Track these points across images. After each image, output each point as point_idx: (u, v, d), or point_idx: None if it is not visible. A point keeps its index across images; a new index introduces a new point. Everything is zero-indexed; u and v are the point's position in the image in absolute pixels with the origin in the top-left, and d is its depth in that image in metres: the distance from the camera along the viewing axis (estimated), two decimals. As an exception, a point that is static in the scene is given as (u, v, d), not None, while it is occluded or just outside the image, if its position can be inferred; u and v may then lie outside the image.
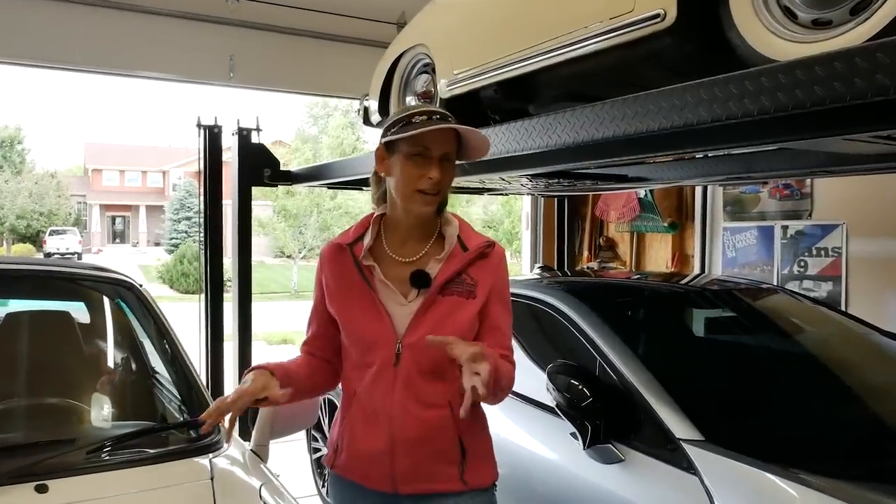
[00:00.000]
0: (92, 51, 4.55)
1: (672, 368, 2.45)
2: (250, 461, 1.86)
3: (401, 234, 1.72)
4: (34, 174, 38.64)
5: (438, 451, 1.66)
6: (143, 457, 1.73)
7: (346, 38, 5.10)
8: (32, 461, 1.56)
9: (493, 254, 1.70)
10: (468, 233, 1.74)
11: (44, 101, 77.43)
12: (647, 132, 1.95)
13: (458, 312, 1.64)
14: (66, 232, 35.02)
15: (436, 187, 1.62)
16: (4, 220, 35.24)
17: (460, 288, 1.65)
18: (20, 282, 2.10)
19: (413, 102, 3.74)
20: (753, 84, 1.66)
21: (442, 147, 1.63)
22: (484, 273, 1.68)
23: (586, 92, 2.73)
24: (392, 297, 1.67)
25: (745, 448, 1.93)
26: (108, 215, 44.88)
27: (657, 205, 5.36)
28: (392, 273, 1.69)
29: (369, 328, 1.66)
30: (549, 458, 2.44)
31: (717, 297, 3.13)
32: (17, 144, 39.82)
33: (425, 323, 1.63)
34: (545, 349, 2.85)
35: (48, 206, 37.10)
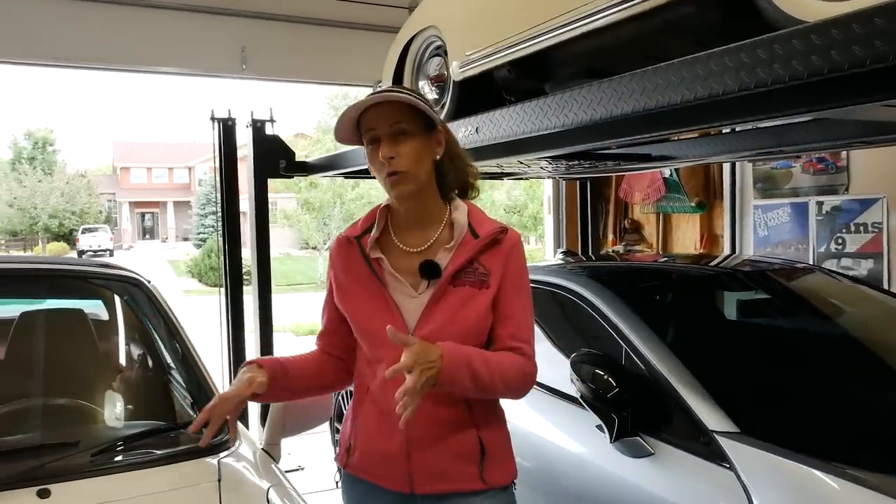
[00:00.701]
0: (104, 48, 4.51)
1: (703, 356, 2.32)
2: (261, 461, 1.80)
3: (405, 224, 1.65)
4: (65, 174, 39.35)
5: (456, 450, 1.59)
6: (150, 458, 1.68)
7: (358, 24, 5.00)
8: (35, 465, 1.52)
9: (506, 240, 1.61)
10: (479, 219, 1.64)
11: (72, 102, 78.67)
12: (667, 106, 1.82)
13: (471, 303, 1.57)
14: (97, 230, 35.68)
15: (393, 166, 1.54)
16: (38, 219, 35.92)
17: (472, 277, 1.58)
18: (29, 281, 2.06)
19: (426, 87, 3.64)
20: (784, 47, 1.53)
21: (386, 122, 1.54)
22: (497, 261, 1.59)
23: (604, 68, 2.59)
24: (402, 290, 1.60)
25: (784, 440, 1.80)
26: (138, 212, 45.56)
27: (683, 184, 5.19)
28: (401, 264, 1.62)
29: (378, 322, 1.57)
30: (576, 452, 2.34)
31: (749, 279, 2.98)
32: (48, 146, 40.48)
33: (437, 315, 1.56)
34: (568, 338, 2.74)
35: (79, 204, 37.80)
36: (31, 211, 35.92)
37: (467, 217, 1.63)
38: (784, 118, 2.53)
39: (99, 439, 1.66)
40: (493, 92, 3.07)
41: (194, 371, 1.92)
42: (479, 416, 1.61)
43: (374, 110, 1.54)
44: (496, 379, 1.51)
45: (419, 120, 1.57)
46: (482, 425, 1.61)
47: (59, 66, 4.67)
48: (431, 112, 1.58)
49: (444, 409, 1.58)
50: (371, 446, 1.63)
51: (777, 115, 1.80)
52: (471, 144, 2.83)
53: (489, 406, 1.66)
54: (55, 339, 2.05)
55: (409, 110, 1.55)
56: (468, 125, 2.80)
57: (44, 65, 4.57)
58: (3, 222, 35.84)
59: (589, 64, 2.71)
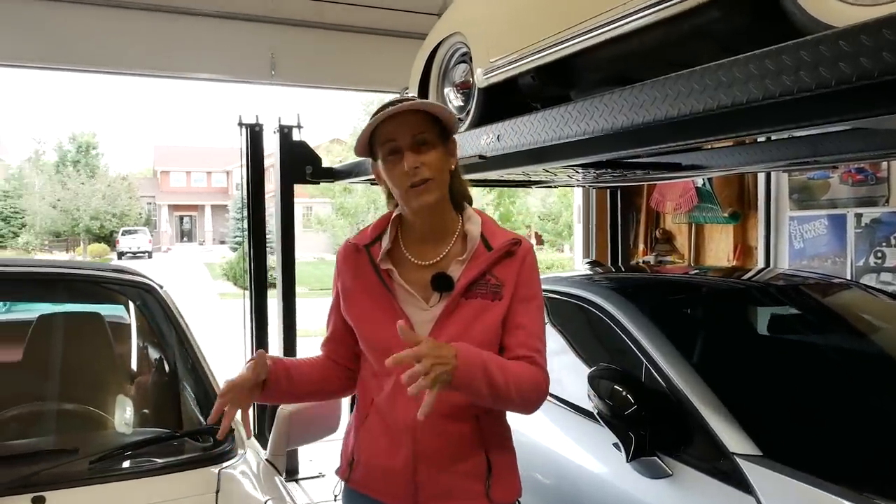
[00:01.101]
0: (136, 54, 4.58)
1: (727, 373, 2.24)
2: (263, 472, 1.76)
3: (418, 236, 1.61)
4: (107, 177, 40.24)
5: (463, 467, 1.55)
6: (150, 467, 1.65)
7: (387, 31, 5.00)
8: (32, 471, 1.50)
9: (519, 251, 1.57)
10: (492, 230, 1.60)
11: (116, 107, 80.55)
12: (690, 114, 1.76)
13: (485, 316, 1.53)
14: (137, 232, 36.41)
15: (419, 174, 1.49)
16: (80, 221, 36.82)
17: (485, 290, 1.54)
18: (41, 285, 2.06)
19: (451, 94, 3.61)
20: (811, 54, 1.46)
21: (408, 132, 1.50)
22: (510, 272, 1.56)
23: (630, 75, 2.53)
24: (412, 303, 1.56)
25: (809, 465, 1.72)
26: (176, 215, 46.37)
27: (716, 194, 5.07)
28: (412, 277, 1.58)
29: (388, 335, 1.52)
30: (592, 470, 2.27)
31: (781, 294, 2.88)
32: (91, 150, 41.49)
33: (449, 328, 1.52)
34: (589, 352, 2.67)
35: (120, 207, 38.69)
36: (74, 213, 36.86)
37: (480, 228, 1.59)
38: (814, 127, 2.44)
39: (99, 446, 1.64)
40: (519, 99, 3.03)
41: (202, 379, 1.89)
42: (487, 433, 1.57)
43: (392, 121, 1.50)
44: (511, 386, 1.45)
45: (437, 129, 1.54)
46: (490, 442, 1.57)
47: (93, 71, 4.76)
48: (451, 123, 1.56)
49: (453, 425, 1.54)
50: (375, 461, 1.59)
51: (804, 125, 1.72)
52: (492, 152, 2.79)
53: (497, 423, 1.62)
54: (71, 343, 2.05)
55: (428, 120, 1.52)
56: (489, 133, 2.76)
57: (80, 70, 4.65)
58: (46, 223, 36.80)
59: (614, 71, 2.65)
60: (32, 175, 39.62)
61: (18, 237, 36.06)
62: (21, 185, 38.86)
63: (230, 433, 1.76)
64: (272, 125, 4.39)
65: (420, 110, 1.51)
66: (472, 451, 1.55)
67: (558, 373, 2.79)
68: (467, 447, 1.55)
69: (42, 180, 38.58)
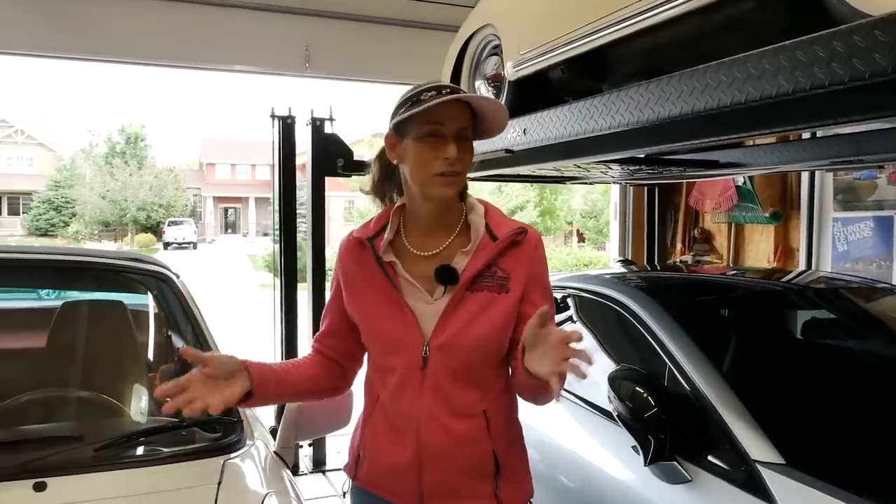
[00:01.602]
0: (172, 46, 4.63)
1: (754, 378, 2.16)
2: (270, 465, 1.75)
3: (423, 226, 1.56)
4: (154, 169, 41.13)
5: (470, 465, 1.50)
6: (154, 456, 1.65)
7: (422, 23, 4.96)
8: (36, 457, 1.50)
9: (526, 241, 1.52)
10: (497, 219, 1.55)
11: (165, 100, 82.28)
12: (717, 108, 1.69)
13: (491, 309, 1.48)
14: (182, 223, 37.13)
15: (455, 167, 1.46)
16: (127, 211, 37.76)
17: (491, 282, 1.48)
18: (52, 272, 2.08)
19: (483, 87, 3.57)
20: (845, 44, 1.39)
21: (456, 122, 1.46)
22: (517, 263, 1.50)
23: (662, 67, 2.45)
24: (417, 296, 1.51)
25: (834, 476, 1.64)
26: (221, 207, 47.14)
27: (757, 193, 4.92)
28: (415, 269, 1.53)
29: (393, 329, 1.51)
30: (610, 473, 2.21)
31: (819, 297, 2.77)
32: (140, 141, 42.45)
33: (454, 322, 1.47)
34: (613, 352, 2.60)
35: (167, 198, 39.53)
36: (122, 203, 37.83)
37: (484, 218, 1.54)
38: (854, 124, 2.33)
39: (105, 434, 1.64)
40: (550, 93, 2.97)
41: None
42: (495, 431, 1.52)
43: (451, 108, 1.46)
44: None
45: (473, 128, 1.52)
46: (498, 440, 1.52)
47: (130, 63, 4.83)
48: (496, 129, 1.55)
49: (459, 422, 1.49)
50: (380, 458, 1.55)
51: (839, 121, 1.64)
52: (519, 146, 2.75)
53: (506, 420, 1.57)
54: (92, 330, 2.07)
55: (472, 116, 1.49)
56: (516, 126, 2.71)
57: (116, 62, 4.73)
58: (95, 213, 37.83)
59: (646, 63, 2.57)
60: (84, 166, 40.72)
61: (69, 226, 37.14)
62: (72, 176, 40.01)
63: (238, 424, 1.76)
64: (305, 118, 4.41)
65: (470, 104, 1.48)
66: (479, 449, 1.50)
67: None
68: (474, 445, 1.50)
69: (92, 171, 39.64)
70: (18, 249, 2.11)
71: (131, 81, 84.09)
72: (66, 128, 59.84)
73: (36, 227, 37.85)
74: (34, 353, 2.09)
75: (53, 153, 42.76)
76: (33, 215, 38.52)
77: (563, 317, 2.90)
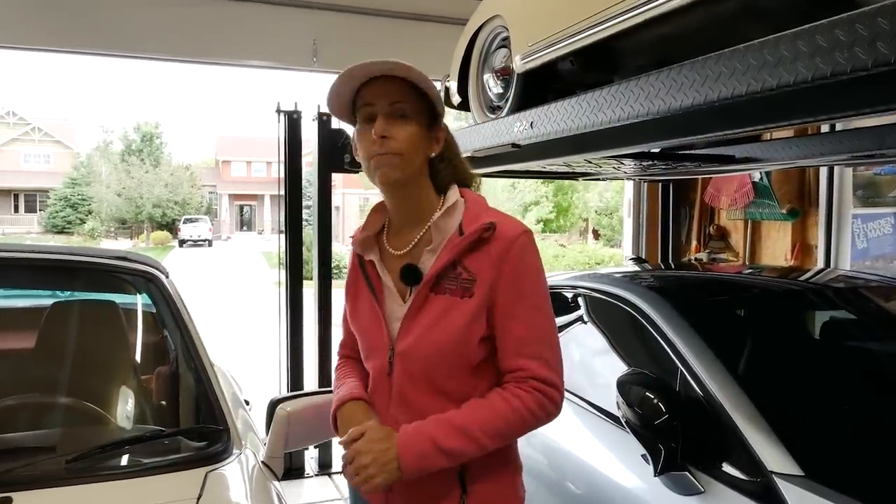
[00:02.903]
0: (180, 40, 4.57)
1: (772, 383, 2.06)
2: (256, 477, 1.66)
3: (397, 223, 1.48)
4: (170, 166, 41.34)
5: (432, 484, 1.37)
6: (132, 468, 1.56)
7: (429, 16, 4.87)
8: (2, 470, 1.42)
9: (497, 238, 1.35)
10: (474, 214, 1.40)
11: (180, 97, 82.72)
12: (732, 97, 1.59)
13: (450, 314, 1.34)
14: (198, 220, 37.26)
15: (387, 146, 1.34)
16: (143, 208, 37.98)
17: (454, 284, 1.35)
18: (39, 272, 2.01)
19: (491, 81, 3.48)
20: (868, 28, 1.28)
21: (386, 98, 1.36)
22: (485, 264, 1.35)
23: (675, 58, 2.35)
24: (392, 297, 1.44)
25: (857, 489, 1.54)
26: (237, 204, 47.32)
27: (774, 189, 4.78)
28: (391, 268, 1.45)
29: (367, 331, 1.46)
30: (619, 482, 2.12)
31: (839, 297, 2.65)
32: (155, 139, 42.67)
33: (416, 327, 1.37)
34: (623, 354, 2.51)
35: (182, 195, 39.72)
36: (138, 200, 38.04)
37: (461, 211, 1.41)
38: (871, 114, 2.21)
39: (81, 444, 1.55)
40: (559, 86, 2.88)
41: (200, 374, 1.80)
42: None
43: (374, 85, 1.37)
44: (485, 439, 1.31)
45: (422, 107, 1.40)
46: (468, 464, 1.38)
47: (137, 57, 4.77)
48: (438, 102, 1.41)
49: None
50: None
51: (859, 111, 1.53)
52: (526, 140, 2.66)
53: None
54: (83, 331, 2.00)
55: (413, 93, 1.38)
56: (522, 120, 2.62)
57: (124, 56, 4.67)
58: (111, 210, 38.07)
59: (658, 54, 2.47)
60: (100, 163, 40.99)
61: (85, 223, 37.41)
62: (89, 173, 40.29)
63: (224, 432, 1.68)
64: (312, 113, 4.34)
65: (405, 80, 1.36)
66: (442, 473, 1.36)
67: (591, 376, 2.65)
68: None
69: (108, 168, 39.90)
70: (5, 248, 2.03)
71: (145, 78, 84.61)
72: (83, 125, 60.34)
73: (52, 224, 38.16)
74: (22, 355, 2.02)
75: (70, 150, 43.10)
76: (50, 213, 38.84)
77: (573, 317, 2.81)
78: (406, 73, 1.36)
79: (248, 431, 1.86)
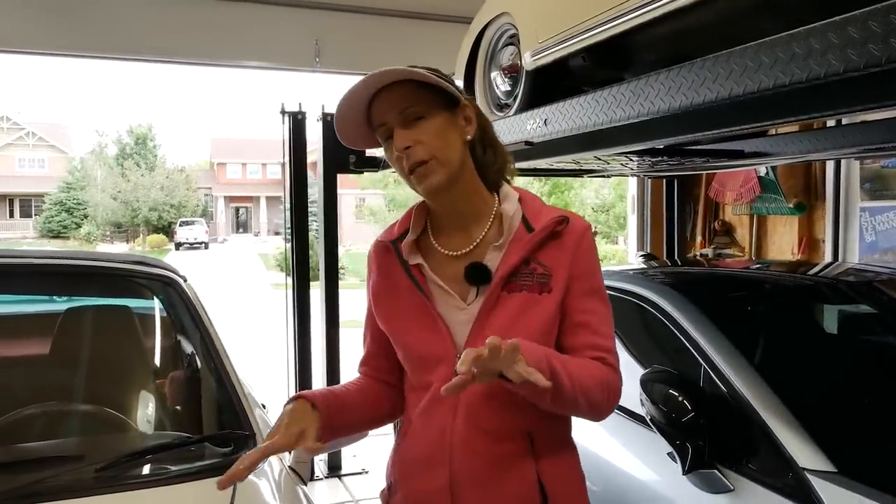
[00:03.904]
0: (181, 42, 4.54)
1: (796, 379, 2.04)
2: (284, 482, 1.64)
3: (448, 224, 1.39)
4: (165, 169, 41.25)
5: (511, 495, 1.30)
6: (161, 476, 1.53)
7: (434, 15, 4.85)
8: (33, 480, 1.40)
9: (569, 232, 1.33)
10: (535, 208, 1.37)
11: (173, 99, 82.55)
12: (758, 91, 1.58)
13: (532, 311, 1.29)
14: (194, 223, 37.21)
15: (413, 157, 1.28)
16: (139, 212, 37.88)
17: (529, 280, 1.30)
18: (55, 277, 1.99)
19: (498, 78, 3.46)
20: (882, 24, 1.27)
21: (393, 110, 1.29)
22: (559, 258, 1.31)
23: (688, 53, 2.34)
24: (449, 302, 1.34)
25: (891, 485, 1.53)
26: (233, 206, 47.23)
27: (780, 184, 4.78)
28: (445, 272, 1.36)
29: (423, 341, 1.35)
30: (646, 481, 2.11)
31: (853, 291, 2.65)
32: (149, 142, 42.55)
33: (489, 329, 1.28)
34: (642, 352, 2.49)
35: (178, 198, 39.63)
36: (133, 204, 37.95)
37: (520, 207, 1.36)
38: (885, 109, 2.20)
39: (108, 452, 1.53)
40: (569, 83, 2.86)
41: (223, 379, 1.77)
42: (541, 455, 1.33)
43: (379, 101, 1.30)
44: (577, 388, 1.24)
45: (435, 97, 1.30)
46: (545, 466, 1.32)
47: (138, 59, 4.74)
48: (447, 84, 1.30)
49: (497, 445, 1.31)
50: (412, 484, 1.39)
51: (869, 106, 1.51)
52: (539, 138, 2.64)
53: (556, 442, 1.38)
54: (96, 338, 1.97)
55: (419, 89, 1.28)
56: (536, 117, 2.61)
57: (124, 59, 4.65)
58: (107, 214, 37.97)
59: (671, 49, 2.45)
60: (94, 167, 40.87)
61: (81, 228, 37.30)
62: (84, 177, 40.17)
63: (251, 438, 1.66)
64: (316, 114, 4.31)
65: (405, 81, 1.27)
66: (521, 477, 1.31)
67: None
68: (516, 472, 1.31)
69: (104, 172, 39.78)
70: (20, 254, 2.00)
71: (139, 80, 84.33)
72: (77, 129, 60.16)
73: (48, 229, 38.04)
74: (37, 362, 1.99)
75: (65, 155, 42.95)
76: (45, 217, 38.72)
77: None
78: (399, 76, 1.27)
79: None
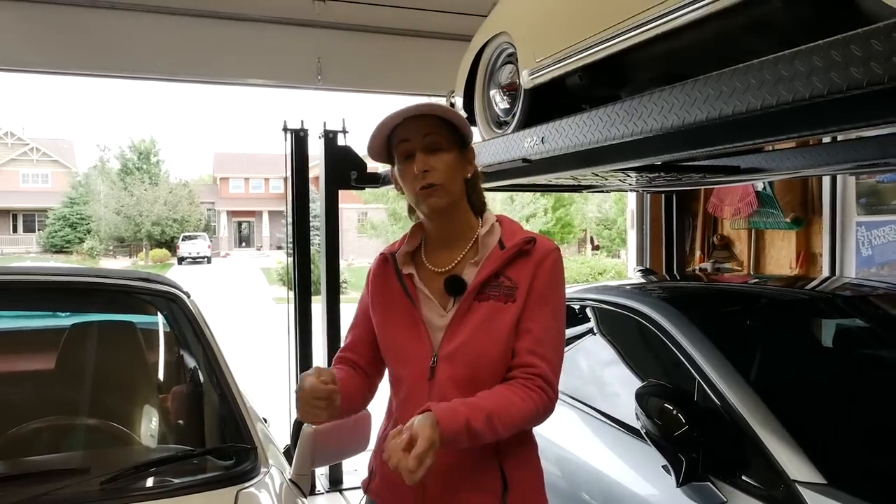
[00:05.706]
0: (184, 60, 4.59)
1: (789, 393, 2.07)
2: (286, 494, 1.68)
3: (438, 243, 1.61)
4: (168, 184, 41.36)
5: (475, 481, 1.49)
6: (165, 488, 1.57)
7: (434, 33, 4.90)
8: (39, 493, 1.43)
9: (536, 250, 1.52)
10: (511, 231, 1.58)
11: (177, 115, 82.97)
12: (747, 112, 1.62)
13: (497, 318, 1.49)
14: (197, 237, 37.24)
15: (428, 178, 1.49)
16: (142, 226, 37.96)
17: (497, 291, 1.50)
18: (61, 294, 2.03)
19: (497, 96, 3.51)
20: (884, 43, 1.31)
21: (419, 133, 1.50)
22: (525, 273, 1.51)
23: (683, 72, 2.39)
24: (432, 308, 1.55)
25: (881, 497, 1.56)
26: (235, 221, 47.33)
27: (777, 198, 4.82)
28: (431, 284, 1.57)
29: (405, 340, 1.55)
30: (640, 494, 2.13)
31: (848, 305, 2.68)
32: (153, 156, 42.70)
33: (462, 332, 1.50)
34: (637, 366, 2.52)
35: (181, 212, 39.70)
36: (136, 218, 38.02)
37: (499, 231, 1.57)
38: (887, 126, 2.25)
39: (113, 465, 1.56)
40: (567, 101, 2.91)
41: (225, 393, 1.82)
42: (503, 446, 1.49)
43: (406, 124, 1.52)
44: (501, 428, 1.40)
45: (453, 136, 1.54)
46: (507, 457, 1.50)
47: (143, 78, 4.80)
48: (466, 129, 1.56)
49: None
50: (387, 471, 1.48)
51: (876, 123, 1.56)
52: (536, 155, 2.69)
53: (517, 437, 1.52)
54: (101, 353, 2.02)
55: (442, 125, 1.53)
56: (533, 135, 2.65)
57: (129, 77, 4.70)
58: (110, 229, 38.05)
59: (666, 68, 2.51)
60: (98, 182, 41.01)
61: (84, 242, 37.39)
62: (87, 192, 40.31)
63: (252, 450, 1.70)
64: (318, 131, 4.37)
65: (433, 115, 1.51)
66: (484, 463, 1.48)
67: (606, 388, 2.66)
68: (479, 458, 1.48)
69: (107, 187, 39.91)
70: (26, 271, 2.05)
71: (142, 97, 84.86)
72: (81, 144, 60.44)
73: (51, 243, 38.14)
74: (43, 376, 2.03)
75: (68, 170, 43.16)
76: (49, 232, 38.84)
77: (583, 329, 2.83)
78: (432, 111, 1.51)
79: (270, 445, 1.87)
